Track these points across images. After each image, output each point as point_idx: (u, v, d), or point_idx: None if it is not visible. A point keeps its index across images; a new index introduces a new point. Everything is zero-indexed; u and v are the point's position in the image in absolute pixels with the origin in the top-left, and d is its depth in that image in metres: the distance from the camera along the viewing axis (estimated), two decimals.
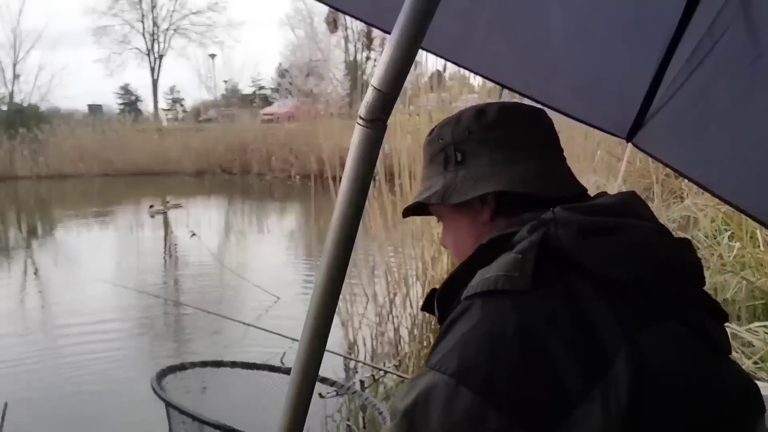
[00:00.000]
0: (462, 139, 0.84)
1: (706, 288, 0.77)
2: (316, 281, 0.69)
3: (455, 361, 0.64)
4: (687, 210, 4.14)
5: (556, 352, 0.62)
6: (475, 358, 0.63)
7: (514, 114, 0.85)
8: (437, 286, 0.78)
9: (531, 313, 0.64)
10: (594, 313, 0.64)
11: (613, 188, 4.31)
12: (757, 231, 3.43)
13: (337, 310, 0.72)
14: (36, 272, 9.01)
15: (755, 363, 2.54)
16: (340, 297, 0.80)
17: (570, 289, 0.66)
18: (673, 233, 0.79)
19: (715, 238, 3.67)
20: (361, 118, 0.64)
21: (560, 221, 0.70)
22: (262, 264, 8.65)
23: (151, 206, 13.31)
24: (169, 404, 1.25)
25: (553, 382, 0.61)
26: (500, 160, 0.82)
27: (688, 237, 0.82)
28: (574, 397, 0.60)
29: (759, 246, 3.41)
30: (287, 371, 1.51)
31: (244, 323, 4.84)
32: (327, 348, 0.75)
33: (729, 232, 3.65)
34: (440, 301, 0.76)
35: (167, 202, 13.60)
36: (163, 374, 1.36)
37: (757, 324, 2.76)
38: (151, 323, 6.01)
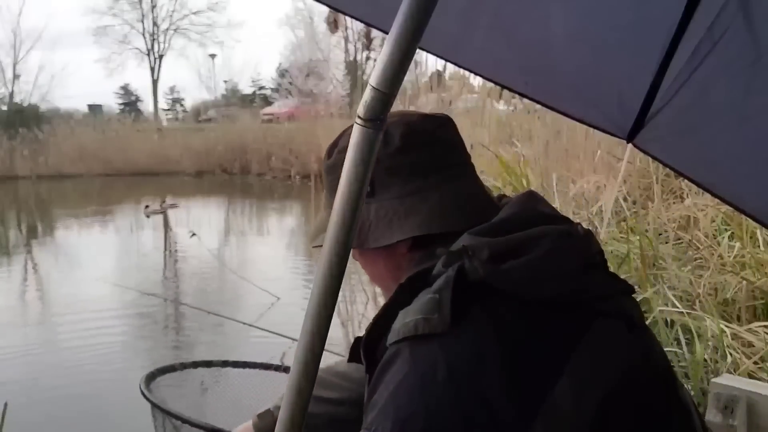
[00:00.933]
0: None
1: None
2: (315, 281, 0.69)
3: (390, 420, 0.62)
4: (687, 210, 4.13)
5: (490, 393, 0.61)
6: (408, 415, 0.62)
7: (420, 135, 0.81)
8: (361, 335, 0.75)
9: (459, 357, 0.63)
10: (523, 342, 0.63)
11: (613, 188, 4.31)
12: (757, 231, 3.42)
13: (337, 309, 0.72)
14: (36, 271, 9.02)
15: (755, 363, 2.54)
16: (340, 296, 0.80)
17: (495, 321, 0.64)
18: (574, 220, 0.80)
19: (715, 238, 3.66)
20: (359, 117, 0.64)
21: (472, 252, 0.68)
22: (261, 264, 8.65)
23: (146, 206, 13.29)
24: (154, 405, 1.23)
25: (491, 426, 0.60)
26: (412, 191, 0.79)
27: (589, 228, 0.83)
28: None
29: (759, 246, 3.40)
30: (279, 368, 1.49)
31: (243, 323, 4.85)
32: (327, 348, 0.75)
33: (729, 232, 3.64)
34: (366, 349, 0.73)
35: (163, 202, 13.58)
36: (152, 376, 1.34)
37: (757, 324, 2.76)
38: (150, 322, 6.01)
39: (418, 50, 0.65)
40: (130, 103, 38.00)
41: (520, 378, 0.62)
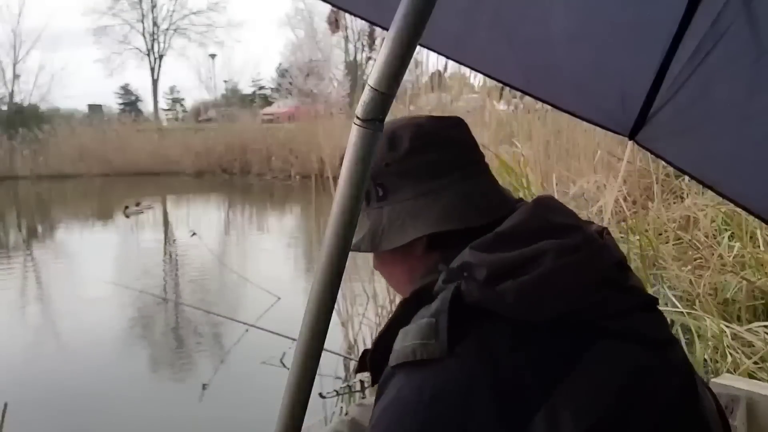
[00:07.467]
0: (380, 173, 0.79)
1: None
2: (314, 280, 0.69)
3: None
4: (687, 210, 4.13)
5: (473, 423, 0.60)
6: None
7: (429, 136, 0.81)
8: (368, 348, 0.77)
9: (446, 384, 0.63)
10: (515, 368, 0.62)
11: (613, 188, 4.31)
12: (757, 231, 3.42)
13: (337, 309, 0.72)
14: (35, 271, 9.01)
15: (755, 363, 2.54)
16: (340, 296, 0.80)
17: (489, 347, 0.63)
18: (589, 220, 0.78)
19: (715, 238, 3.66)
20: (357, 118, 0.64)
21: (469, 272, 0.67)
22: (261, 263, 8.65)
23: (126, 207, 13.27)
24: None
25: None
26: (424, 192, 0.79)
27: (605, 226, 0.79)
28: None
29: (759, 246, 3.41)
30: None
31: (243, 323, 4.84)
32: (327, 348, 0.75)
33: (729, 232, 3.64)
34: (372, 363, 0.74)
35: (137, 204, 13.55)
36: None
37: (757, 324, 2.76)
38: (149, 320, 6.01)
39: (418, 49, 0.65)
40: (130, 103, 37.99)
41: (508, 406, 0.61)
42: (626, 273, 0.74)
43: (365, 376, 1.40)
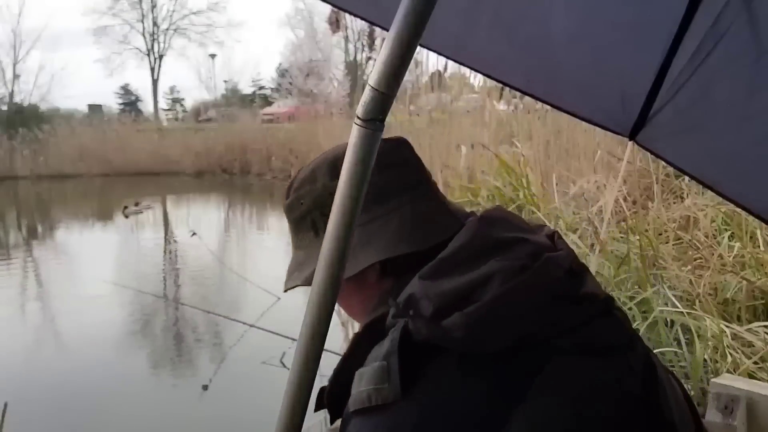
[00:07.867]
0: (325, 202, 0.77)
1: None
2: (314, 281, 0.69)
3: None
4: (687, 210, 4.13)
5: None
6: None
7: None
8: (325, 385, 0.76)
9: (402, 428, 0.62)
10: (466, 403, 0.61)
11: (613, 188, 4.31)
12: (757, 231, 3.42)
13: (337, 309, 0.72)
14: (35, 270, 9.02)
15: (755, 363, 2.54)
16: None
17: (440, 383, 0.63)
18: (540, 224, 0.76)
19: (715, 238, 3.66)
20: (358, 118, 0.64)
21: (415, 308, 0.65)
22: (261, 263, 8.65)
23: (125, 207, 13.27)
24: None
25: None
26: (372, 218, 0.78)
27: (556, 230, 0.77)
28: None
29: (759, 246, 3.41)
30: None
31: (243, 323, 4.85)
32: (327, 348, 0.75)
33: (729, 232, 3.64)
34: (330, 400, 0.74)
35: (137, 204, 13.54)
36: None
37: (757, 324, 2.76)
38: (148, 320, 6.01)
39: (418, 49, 0.65)
40: (130, 103, 38.04)
41: None
42: (579, 279, 0.71)
43: None
